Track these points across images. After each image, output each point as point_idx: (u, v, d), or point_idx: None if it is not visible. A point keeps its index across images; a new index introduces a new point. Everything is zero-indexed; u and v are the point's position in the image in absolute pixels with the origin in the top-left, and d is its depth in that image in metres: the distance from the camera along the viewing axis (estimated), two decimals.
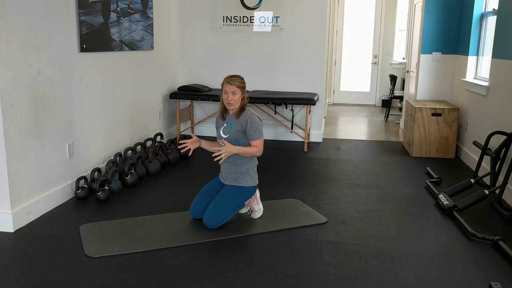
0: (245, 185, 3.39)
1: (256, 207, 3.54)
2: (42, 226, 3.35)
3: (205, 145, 3.51)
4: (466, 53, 5.47)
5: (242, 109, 3.35)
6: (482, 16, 5.27)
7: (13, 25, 3.14)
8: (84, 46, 3.97)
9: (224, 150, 3.21)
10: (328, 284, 2.61)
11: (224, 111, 3.42)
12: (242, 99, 3.34)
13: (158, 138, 5.31)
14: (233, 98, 3.28)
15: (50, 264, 2.77)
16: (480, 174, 4.36)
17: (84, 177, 3.94)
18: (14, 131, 3.21)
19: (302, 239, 3.20)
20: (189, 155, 3.46)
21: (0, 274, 2.66)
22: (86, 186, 3.90)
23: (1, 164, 3.15)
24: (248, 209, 3.58)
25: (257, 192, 3.55)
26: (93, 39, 4.12)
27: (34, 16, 3.36)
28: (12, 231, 3.22)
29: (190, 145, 3.39)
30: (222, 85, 3.34)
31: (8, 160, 3.17)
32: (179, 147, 3.44)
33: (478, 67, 5.34)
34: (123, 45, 4.70)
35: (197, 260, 2.86)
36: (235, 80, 3.30)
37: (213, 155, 3.25)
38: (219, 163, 3.31)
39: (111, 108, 4.54)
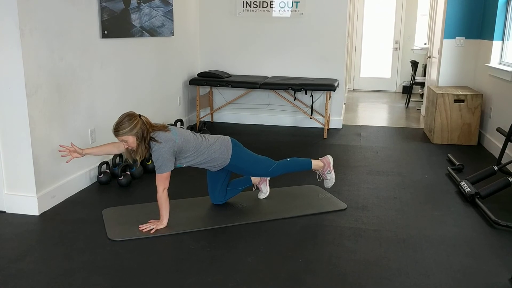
0: (227, 162, 3.22)
1: (264, 189, 3.63)
2: (66, 209, 3.42)
3: (92, 151, 3.25)
4: (491, 37, 5.34)
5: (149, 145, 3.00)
6: (508, 0, 5.13)
7: (36, 11, 3.18)
8: (106, 32, 3.99)
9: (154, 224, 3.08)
10: (348, 270, 2.62)
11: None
12: (140, 138, 2.95)
13: (179, 124, 5.34)
14: (129, 145, 3.00)
15: (74, 247, 2.84)
16: (503, 161, 4.29)
17: (106, 162, 4.00)
18: (38, 117, 3.27)
19: (322, 225, 3.20)
20: (66, 162, 3.20)
21: (26, 255, 2.73)
22: (108, 171, 3.96)
23: (26, 149, 3.22)
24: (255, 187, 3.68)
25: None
26: (114, 25, 4.14)
27: (57, 3, 3.39)
28: (37, 214, 3.30)
29: (71, 154, 3.11)
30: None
31: (33, 145, 3.23)
32: (59, 151, 3.16)
33: (503, 52, 5.22)
34: (144, 31, 4.72)
35: (218, 244, 2.89)
36: (116, 130, 2.98)
37: (143, 230, 3.04)
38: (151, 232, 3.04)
39: (131, 94, 4.58)
